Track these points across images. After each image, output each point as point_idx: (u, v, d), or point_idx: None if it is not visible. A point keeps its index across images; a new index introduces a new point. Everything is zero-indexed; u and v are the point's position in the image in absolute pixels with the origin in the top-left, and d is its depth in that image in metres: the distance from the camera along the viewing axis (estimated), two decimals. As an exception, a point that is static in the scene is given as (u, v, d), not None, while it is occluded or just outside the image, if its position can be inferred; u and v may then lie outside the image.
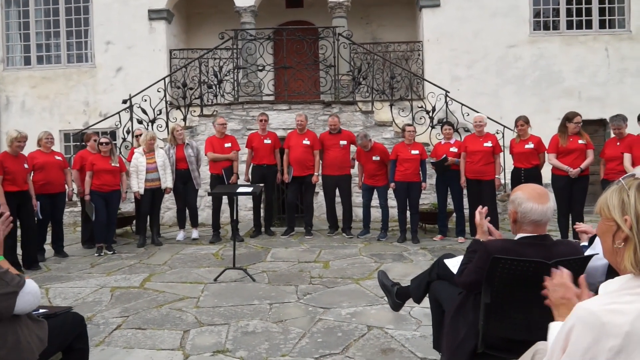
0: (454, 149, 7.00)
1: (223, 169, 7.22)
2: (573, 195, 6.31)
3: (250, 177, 7.48)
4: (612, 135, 6.47)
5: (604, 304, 1.18)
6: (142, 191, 6.92)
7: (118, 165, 6.80)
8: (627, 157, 6.00)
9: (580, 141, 6.28)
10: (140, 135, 7.47)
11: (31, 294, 2.20)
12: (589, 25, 10.43)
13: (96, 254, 6.55)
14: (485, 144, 6.78)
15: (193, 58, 10.09)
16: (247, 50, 9.45)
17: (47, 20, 11.30)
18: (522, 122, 6.69)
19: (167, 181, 7.13)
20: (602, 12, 10.43)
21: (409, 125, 7.19)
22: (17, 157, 5.98)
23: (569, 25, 10.48)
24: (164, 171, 7.08)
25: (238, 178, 7.39)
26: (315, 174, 7.44)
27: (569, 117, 6.38)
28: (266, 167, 7.40)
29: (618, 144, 6.22)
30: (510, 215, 2.34)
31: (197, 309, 4.31)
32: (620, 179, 2.47)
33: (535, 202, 2.23)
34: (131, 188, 7.00)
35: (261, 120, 7.49)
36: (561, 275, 1.61)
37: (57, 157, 6.66)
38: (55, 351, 2.53)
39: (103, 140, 6.75)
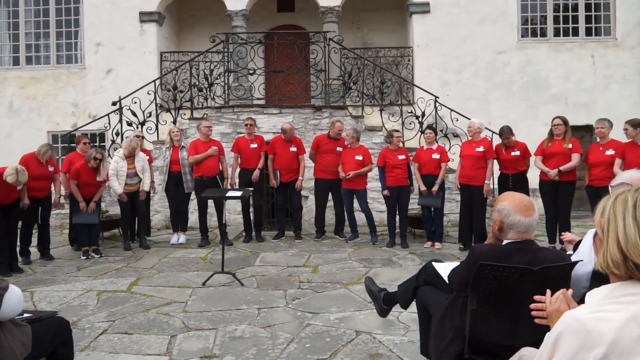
0: (435, 156, 6.93)
1: (217, 175, 7.21)
2: (558, 200, 6.37)
3: (237, 181, 7.47)
4: (597, 139, 6.49)
5: (590, 311, 1.20)
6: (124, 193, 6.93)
7: (103, 179, 6.70)
8: (617, 162, 6.04)
9: (564, 145, 6.33)
10: (141, 137, 7.54)
11: (14, 299, 2.18)
12: (575, 32, 10.57)
13: (83, 257, 6.49)
14: (476, 149, 6.66)
15: (184, 61, 10.07)
16: (238, 53, 9.45)
17: (37, 21, 11.21)
18: (507, 134, 6.69)
19: (145, 184, 7.11)
20: (588, 19, 10.57)
21: (396, 130, 7.18)
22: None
23: (556, 33, 10.61)
24: (142, 175, 7.07)
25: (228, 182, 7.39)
26: (300, 178, 7.46)
27: (552, 121, 6.51)
28: (253, 171, 7.39)
29: (601, 148, 6.26)
30: (495, 222, 2.36)
31: (184, 313, 4.29)
32: (609, 185, 2.50)
33: (522, 215, 2.28)
34: (115, 192, 6.97)
35: (247, 125, 7.48)
36: (562, 292, 1.64)
37: (50, 168, 6.53)
38: (39, 356, 2.51)
39: (97, 155, 6.52)
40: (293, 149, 7.41)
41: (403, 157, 6.96)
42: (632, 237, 1.22)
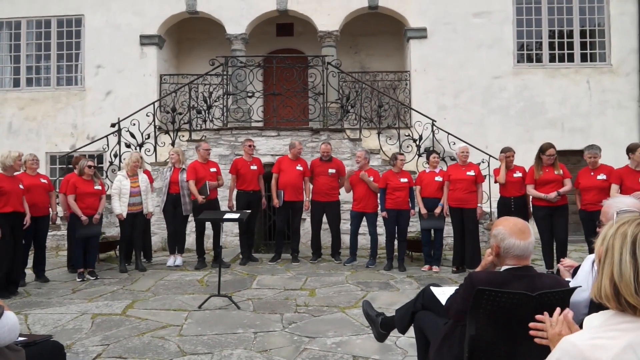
0: (438, 178, 7.00)
1: (205, 183, 7.15)
2: (554, 224, 6.37)
3: (234, 203, 7.45)
4: (587, 164, 6.40)
5: (588, 338, 1.20)
6: (124, 214, 6.86)
7: (100, 188, 6.76)
8: (614, 188, 5.99)
9: (555, 172, 6.36)
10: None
11: (7, 326, 2.14)
12: (570, 58, 10.73)
13: (78, 279, 6.43)
14: (468, 173, 6.78)
15: (183, 83, 10.16)
16: (237, 76, 9.54)
17: (38, 43, 11.34)
18: (512, 153, 6.79)
19: (149, 206, 7.10)
20: (583, 46, 10.75)
21: (400, 154, 7.22)
22: (12, 178, 5.89)
23: (552, 58, 10.77)
24: (146, 195, 7.05)
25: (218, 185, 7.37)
26: (306, 199, 7.48)
27: (542, 149, 6.49)
28: (252, 192, 7.40)
29: (592, 173, 6.26)
30: (492, 249, 2.36)
31: (180, 337, 4.24)
32: (615, 212, 2.47)
33: (517, 238, 2.28)
34: (114, 211, 6.95)
35: (249, 146, 7.53)
36: (564, 314, 1.61)
37: (43, 180, 6.59)
38: (32, 381, 2.47)
39: (90, 163, 6.72)
40: (299, 167, 7.43)
41: (405, 180, 6.98)
42: (626, 274, 1.20)
